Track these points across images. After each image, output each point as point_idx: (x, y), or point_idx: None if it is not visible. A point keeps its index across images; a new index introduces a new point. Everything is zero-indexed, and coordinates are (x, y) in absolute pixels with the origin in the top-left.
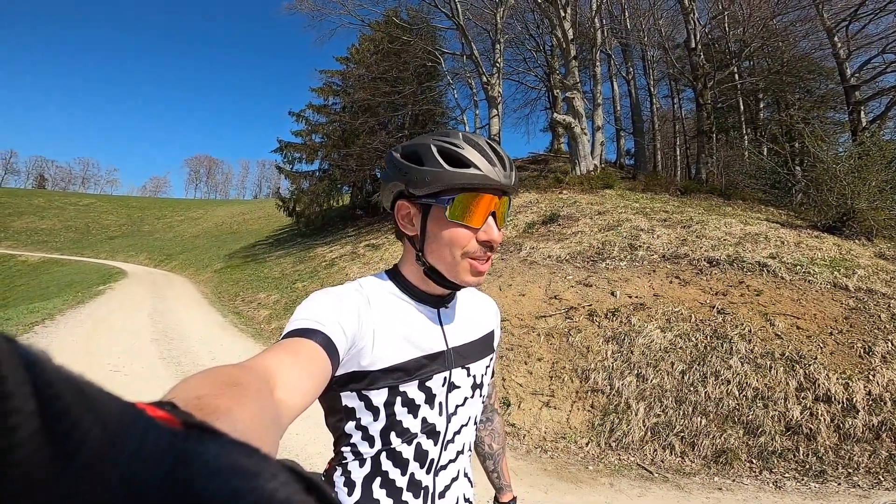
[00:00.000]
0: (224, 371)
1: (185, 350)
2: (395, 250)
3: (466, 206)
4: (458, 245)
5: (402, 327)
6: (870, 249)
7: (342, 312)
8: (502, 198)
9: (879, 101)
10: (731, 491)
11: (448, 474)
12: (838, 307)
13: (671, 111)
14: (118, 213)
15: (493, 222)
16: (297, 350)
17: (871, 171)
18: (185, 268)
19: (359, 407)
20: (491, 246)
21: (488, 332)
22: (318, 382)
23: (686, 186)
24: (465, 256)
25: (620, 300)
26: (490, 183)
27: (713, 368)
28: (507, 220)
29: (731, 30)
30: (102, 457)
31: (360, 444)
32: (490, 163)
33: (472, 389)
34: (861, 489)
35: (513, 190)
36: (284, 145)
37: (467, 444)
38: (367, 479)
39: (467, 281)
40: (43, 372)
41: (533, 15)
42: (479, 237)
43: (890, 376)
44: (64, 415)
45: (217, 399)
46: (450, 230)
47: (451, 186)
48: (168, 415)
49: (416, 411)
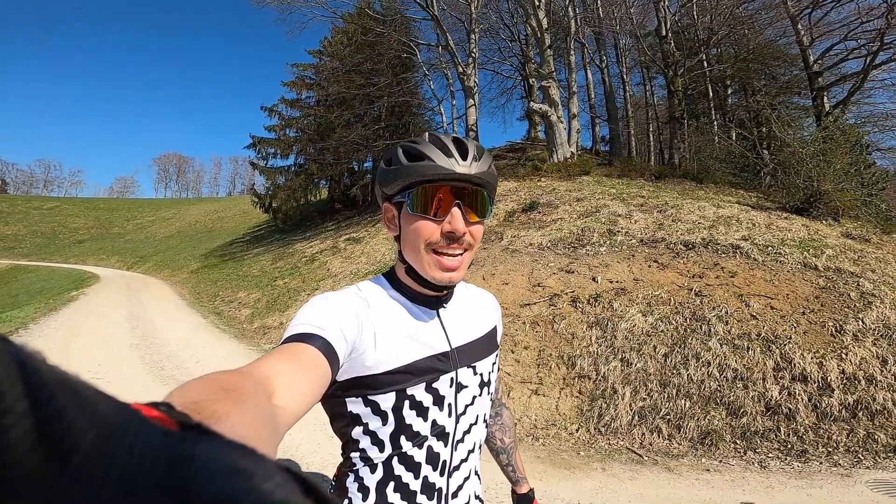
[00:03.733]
0: (221, 377)
1: (167, 354)
2: (376, 243)
3: (423, 196)
4: (421, 237)
5: (403, 329)
6: (836, 230)
7: (342, 316)
8: (470, 189)
9: (842, 86)
10: (719, 472)
11: (461, 475)
12: (809, 287)
13: (644, 98)
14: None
15: (460, 213)
16: (296, 355)
17: (836, 154)
18: (159, 269)
19: (365, 413)
20: (454, 237)
21: (491, 329)
22: (316, 388)
23: (660, 171)
24: (429, 249)
25: (602, 285)
26: (442, 172)
27: (694, 351)
28: (488, 212)
29: (699, 17)
30: (98, 457)
31: (370, 448)
32: (446, 154)
33: (479, 388)
34: (842, 468)
35: (480, 180)
36: (258, 141)
37: (477, 443)
38: (381, 484)
39: (435, 276)
40: (36, 372)
41: (507, 4)
42: (443, 228)
43: (862, 354)
44: (58, 415)
45: (214, 404)
46: (415, 224)
47: (412, 181)
48: (164, 416)
49: (426, 414)
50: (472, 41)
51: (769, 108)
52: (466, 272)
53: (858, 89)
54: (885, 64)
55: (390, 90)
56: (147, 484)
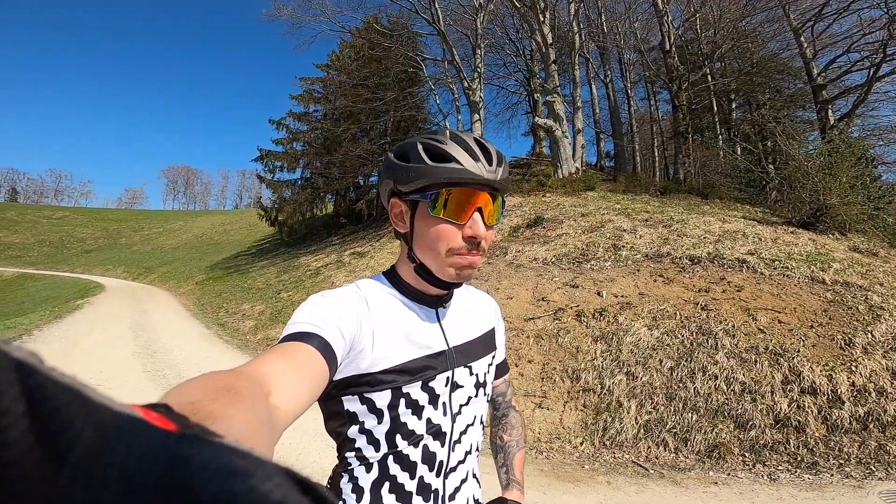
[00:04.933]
0: (217, 377)
1: (169, 363)
2: (381, 258)
3: (449, 200)
4: (444, 241)
5: (401, 328)
6: (844, 243)
7: (340, 314)
8: (490, 194)
9: (846, 99)
10: (727, 485)
11: (457, 476)
12: (817, 300)
13: (648, 113)
14: (94, 225)
15: (480, 218)
16: (293, 354)
17: (842, 167)
18: (165, 280)
19: (361, 411)
20: (477, 242)
21: (488, 331)
22: (314, 387)
23: (665, 187)
24: (451, 253)
25: (607, 300)
26: (471, 177)
27: (700, 364)
28: (501, 217)
29: (702, 32)
30: (96, 458)
31: (366, 448)
32: (473, 157)
33: (475, 388)
34: (854, 479)
35: (501, 186)
36: (265, 154)
37: (474, 445)
38: (376, 485)
39: (452, 277)
40: (34, 373)
41: (512, 20)
42: (464, 233)
43: (872, 367)
44: (55, 416)
45: (211, 404)
46: (436, 226)
47: (435, 182)
48: (163, 417)
49: (421, 412)
50: (478, 56)
51: (774, 122)
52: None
53: (863, 102)
54: (888, 76)
55: (396, 104)
56: (147, 484)
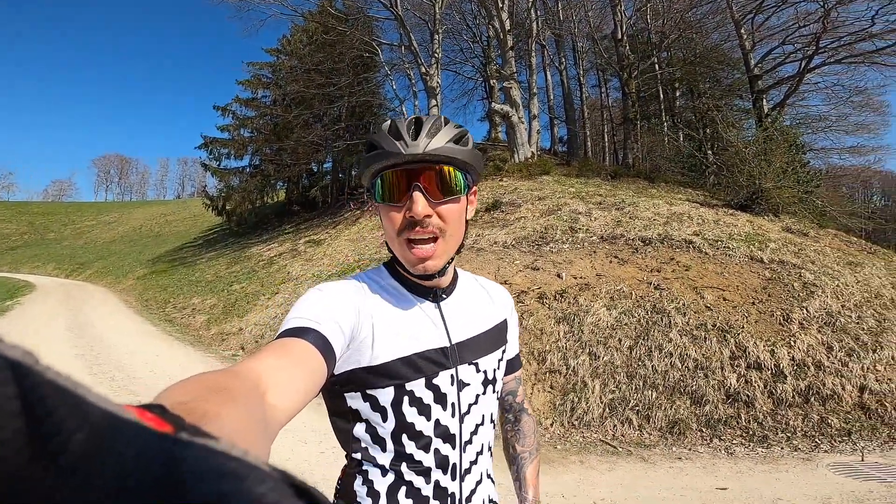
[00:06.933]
0: (211, 376)
1: (115, 363)
2: (339, 245)
3: (382, 185)
4: (392, 225)
5: (402, 322)
6: (777, 224)
7: (338, 308)
8: (430, 169)
9: (779, 89)
10: (690, 460)
11: (472, 478)
12: (757, 278)
13: (599, 100)
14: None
15: (422, 196)
16: (289, 351)
17: (775, 154)
18: (101, 276)
19: (365, 408)
20: (415, 221)
21: (498, 324)
22: (311, 383)
23: (615, 171)
24: (403, 239)
25: (567, 282)
26: (392, 158)
27: (656, 342)
28: (462, 188)
29: (652, 21)
30: (91, 457)
31: (372, 447)
32: (395, 137)
33: (483, 386)
34: (803, 452)
35: (437, 156)
36: (210, 141)
37: (486, 445)
38: (392, 489)
39: (419, 271)
40: (27, 373)
41: (471, 5)
42: (404, 214)
43: (808, 342)
44: (48, 416)
45: (204, 404)
46: (385, 214)
47: (373, 172)
48: (157, 418)
49: (428, 413)
50: (436, 41)
51: (714, 110)
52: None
53: (794, 92)
54: (818, 67)
55: (351, 90)
56: (141, 485)
